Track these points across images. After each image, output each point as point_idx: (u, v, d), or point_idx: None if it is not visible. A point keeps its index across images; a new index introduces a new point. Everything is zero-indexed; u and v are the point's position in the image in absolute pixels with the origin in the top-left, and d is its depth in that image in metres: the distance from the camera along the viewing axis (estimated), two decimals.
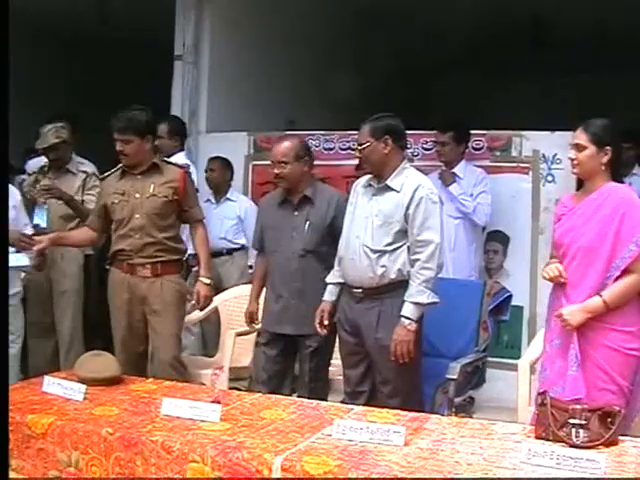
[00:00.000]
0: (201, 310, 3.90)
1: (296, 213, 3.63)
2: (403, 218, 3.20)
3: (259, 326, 3.80)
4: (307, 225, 3.58)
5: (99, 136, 4.49)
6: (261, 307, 3.80)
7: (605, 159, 2.85)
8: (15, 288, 4.03)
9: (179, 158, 4.74)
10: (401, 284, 3.20)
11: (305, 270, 3.57)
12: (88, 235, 3.89)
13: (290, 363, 3.70)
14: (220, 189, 5.18)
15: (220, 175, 5.18)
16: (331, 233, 3.56)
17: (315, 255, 3.58)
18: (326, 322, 3.42)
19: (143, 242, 3.64)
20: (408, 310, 3.16)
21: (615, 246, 2.78)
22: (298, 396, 3.39)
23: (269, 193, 4.05)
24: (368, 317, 3.25)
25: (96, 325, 4.38)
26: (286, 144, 3.63)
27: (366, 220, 3.28)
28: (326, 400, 3.31)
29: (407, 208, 3.20)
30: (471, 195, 4.60)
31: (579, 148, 2.89)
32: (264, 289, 3.79)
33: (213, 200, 5.19)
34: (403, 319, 3.16)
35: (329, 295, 3.45)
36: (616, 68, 7.37)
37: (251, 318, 3.79)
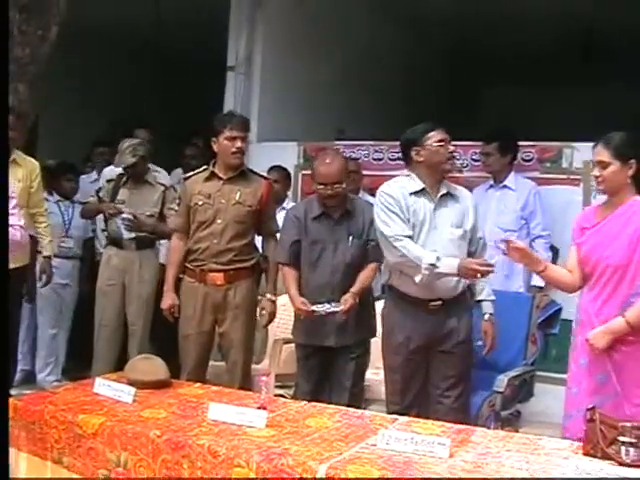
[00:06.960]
0: (264, 327, 3.91)
1: (337, 227, 3.61)
2: (469, 226, 3.30)
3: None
4: (350, 238, 3.57)
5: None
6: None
7: (630, 173, 2.77)
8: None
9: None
10: (465, 294, 3.33)
11: (346, 283, 3.55)
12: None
13: (329, 373, 3.69)
14: (278, 200, 5.20)
15: (282, 187, 5.18)
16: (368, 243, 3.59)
17: (356, 268, 3.58)
18: None
19: (220, 248, 3.67)
20: (489, 307, 3.40)
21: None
22: (335, 402, 3.40)
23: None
24: (443, 328, 3.26)
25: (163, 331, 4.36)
26: (337, 165, 3.55)
27: (435, 231, 3.27)
28: (361, 406, 3.34)
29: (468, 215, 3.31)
30: (524, 209, 4.57)
31: (603, 165, 2.80)
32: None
33: None
34: (489, 316, 3.38)
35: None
36: None
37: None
